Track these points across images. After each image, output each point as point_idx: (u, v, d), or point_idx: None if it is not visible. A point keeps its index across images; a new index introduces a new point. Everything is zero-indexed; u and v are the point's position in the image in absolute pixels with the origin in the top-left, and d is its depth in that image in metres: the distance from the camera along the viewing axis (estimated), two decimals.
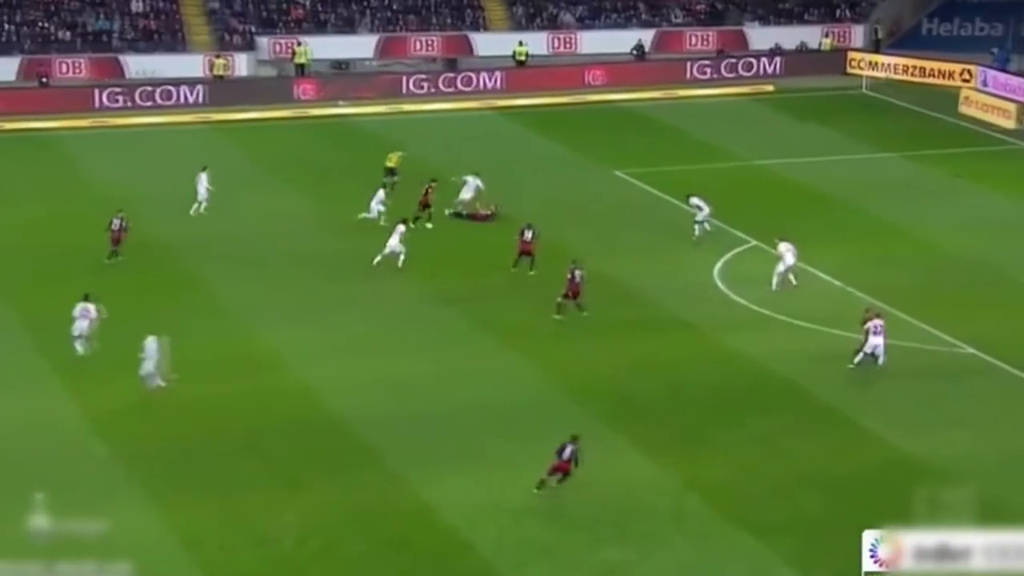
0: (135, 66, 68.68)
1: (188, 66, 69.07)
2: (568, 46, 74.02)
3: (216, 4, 72.64)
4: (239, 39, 71.29)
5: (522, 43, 72.04)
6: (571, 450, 30.45)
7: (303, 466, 32.10)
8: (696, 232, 47.02)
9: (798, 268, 43.14)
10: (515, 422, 34.34)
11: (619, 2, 76.42)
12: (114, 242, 44.63)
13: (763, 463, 32.55)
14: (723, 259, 45.80)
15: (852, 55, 73.79)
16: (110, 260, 44.42)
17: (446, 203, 49.24)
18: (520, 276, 43.42)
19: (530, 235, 43.70)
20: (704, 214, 47.10)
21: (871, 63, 72.71)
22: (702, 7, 77.04)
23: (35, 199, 52.25)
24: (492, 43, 73.08)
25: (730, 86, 71.06)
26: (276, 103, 66.23)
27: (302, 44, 70.35)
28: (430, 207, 48.52)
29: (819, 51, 75.15)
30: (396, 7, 74.16)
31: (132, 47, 69.90)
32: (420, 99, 68.17)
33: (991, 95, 66.35)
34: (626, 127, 63.70)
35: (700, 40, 75.25)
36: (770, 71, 72.87)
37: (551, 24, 75.09)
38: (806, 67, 73.14)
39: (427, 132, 61.85)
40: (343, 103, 66.97)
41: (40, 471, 31.23)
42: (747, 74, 72.54)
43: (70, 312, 37.39)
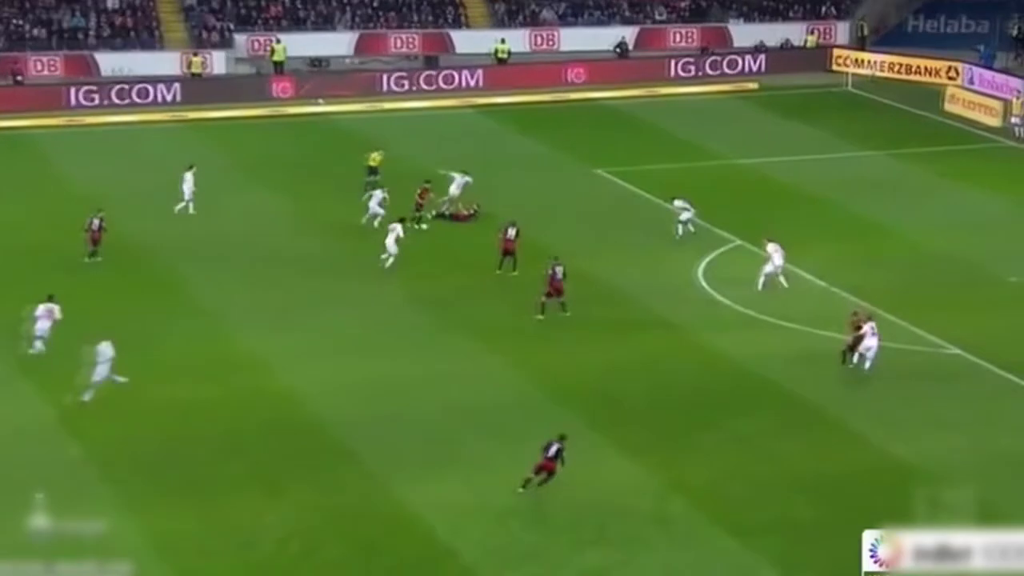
0: (110, 64, 68.53)
1: (164, 64, 68.97)
2: (549, 43, 74.11)
3: (192, 1, 72.54)
4: (215, 36, 71.17)
5: (502, 40, 72.13)
6: (556, 448, 30.54)
7: (283, 469, 32.12)
8: (679, 232, 47.15)
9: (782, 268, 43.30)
10: (497, 424, 34.40)
11: None
12: (93, 242, 44.62)
13: (747, 465, 32.67)
14: (706, 259, 45.94)
15: (836, 52, 74.00)
16: (90, 260, 44.40)
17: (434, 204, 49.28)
18: (502, 276, 43.49)
19: (512, 233, 43.75)
20: (688, 215, 47.25)
21: (856, 60, 72.94)
22: (685, 4, 77.17)
23: (8, 199, 52.15)
24: (472, 40, 73.13)
25: (713, 84, 71.22)
26: (253, 101, 66.18)
27: (279, 41, 70.29)
28: (423, 207, 48.50)
29: (803, 48, 75.36)
30: (375, 4, 74.12)
31: (107, 45, 69.75)
32: (399, 97, 68.18)
33: (976, 93, 66.62)
34: (608, 125, 63.81)
35: (683, 37, 75.40)
36: (753, 69, 73.05)
37: (532, 21, 75.15)
38: (790, 64, 73.33)
39: (406, 130, 61.85)
40: (321, 101, 66.95)
41: (13, 474, 31.21)
42: (730, 72, 72.72)
43: (33, 311, 37.42)
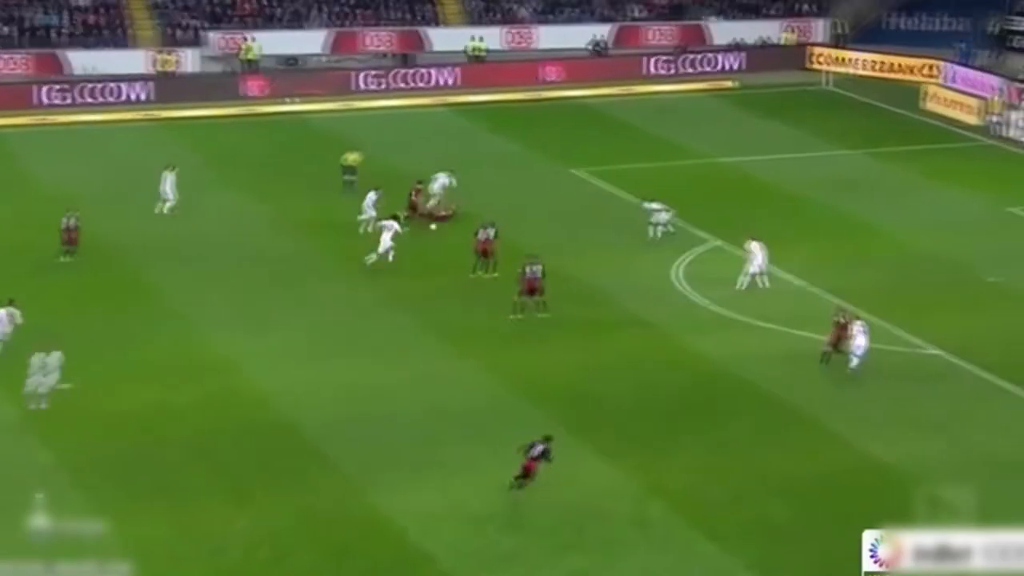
0: (78, 62, 68.30)
1: (133, 62, 68.79)
2: (524, 41, 74.14)
3: None
4: (185, 34, 71.03)
5: (477, 38, 72.13)
6: (540, 449, 30.57)
7: (255, 473, 32.05)
8: (653, 233, 47.16)
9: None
10: (473, 427, 34.38)
11: None
12: (67, 242, 44.53)
13: (725, 467, 32.72)
14: (683, 259, 46.02)
15: (814, 50, 74.23)
16: (63, 259, 44.29)
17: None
18: (477, 278, 43.43)
19: (490, 234, 43.63)
20: (665, 216, 47.27)
21: (833, 58, 73.15)
22: (661, 2, 77.28)
23: None
24: (446, 38, 73.14)
25: (690, 82, 71.36)
26: (224, 100, 66.09)
27: (251, 39, 70.19)
28: (416, 209, 48.46)
29: (781, 46, 75.54)
30: (349, 2, 74.04)
31: (76, 43, 69.52)
32: (372, 96, 68.15)
33: (955, 91, 66.89)
34: (584, 124, 63.88)
35: (659, 35, 75.51)
36: (731, 67, 73.24)
37: (507, 19, 75.17)
38: (767, 63, 73.54)
39: (380, 129, 61.82)
40: (293, 100, 66.86)
41: None
42: (707, 70, 72.90)
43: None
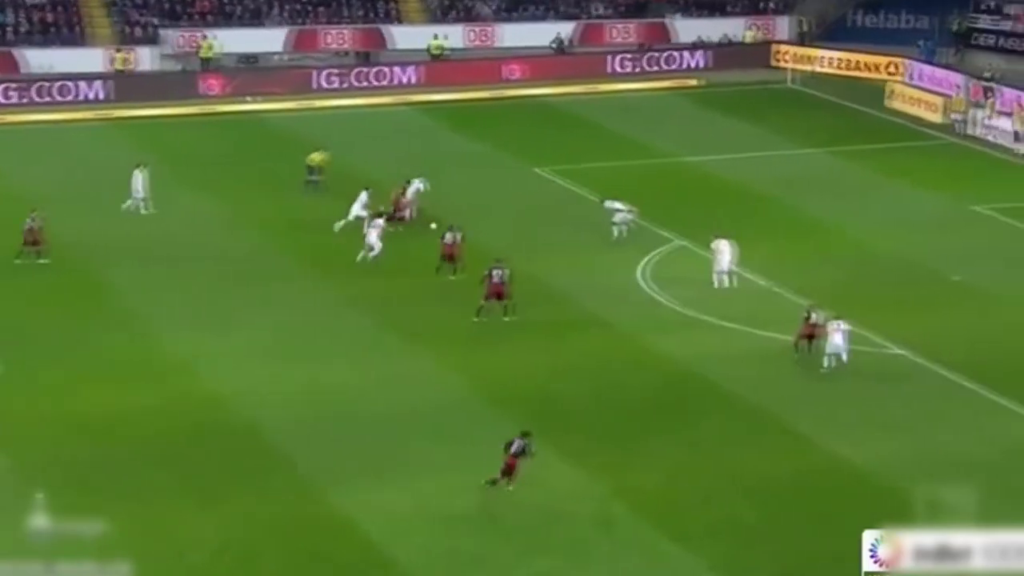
0: (32, 61, 68.03)
1: (88, 60, 68.57)
2: (486, 39, 74.29)
3: None
4: (142, 32, 70.89)
5: (438, 36, 72.27)
6: (518, 445, 30.77)
7: (217, 477, 32.12)
8: (621, 233, 47.45)
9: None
10: (437, 428, 34.56)
11: None
12: (29, 243, 44.49)
13: (691, 468, 33.01)
14: (647, 258, 46.31)
15: (777, 48, 74.68)
16: (22, 260, 44.27)
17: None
18: (440, 279, 43.60)
19: (457, 237, 43.71)
20: (625, 216, 47.54)
21: (797, 56, 73.62)
22: None
23: None
24: (407, 36, 73.21)
25: (653, 80, 71.69)
26: (181, 99, 66.02)
27: (208, 37, 70.10)
28: (401, 210, 48.50)
29: (744, 44, 75.94)
30: None
31: (29, 41, 69.25)
32: (332, 94, 68.19)
33: (918, 89, 67.45)
34: (546, 123, 64.10)
35: (622, 33, 75.80)
36: (694, 65, 73.62)
37: (468, 16, 75.30)
38: (731, 60, 73.94)
39: (340, 128, 61.86)
40: (251, 99, 66.85)
41: None
42: (670, 68, 73.25)
43: None
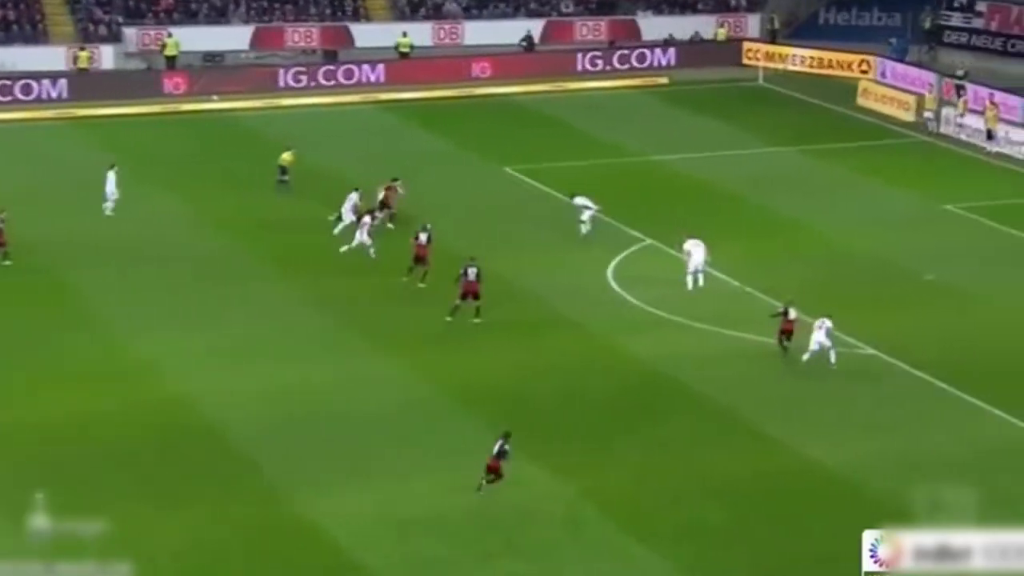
0: None
1: (49, 59, 68.21)
2: (453, 37, 74.24)
3: None
4: (104, 30, 70.58)
5: (405, 34, 72.16)
6: (499, 445, 30.81)
7: (179, 481, 32.01)
8: (583, 230, 47.47)
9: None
10: (404, 431, 34.53)
11: None
12: None
13: (660, 469, 33.04)
14: (616, 258, 46.34)
15: (747, 46, 74.81)
16: None
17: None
18: (410, 280, 43.41)
19: (424, 238, 43.66)
20: (590, 213, 47.57)
21: (767, 54, 73.79)
22: None
23: None
24: (373, 34, 73.08)
25: (622, 78, 71.74)
26: (144, 98, 65.72)
27: (171, 35, 69.85)
28: (390, 207, 48.48)
29: (713, 42, 76.04)
30: None
31: None
32: (298, 93, 68.01)
33: (889, 87, 67.69)
34: (514, 121, 64.11)
35: (591, 31, 75.86)
36: (663, 63, 73.66)
37: (435, 14, 75.22)
38: (700, 58, 74.00)
39: (305, 127, 61.71)
40: (216, 98, 66.65)
41: None
42: (640, 66, 73.28)
43: None
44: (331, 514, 30.65)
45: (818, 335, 38.02)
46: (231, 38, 71.87)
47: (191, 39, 70.24)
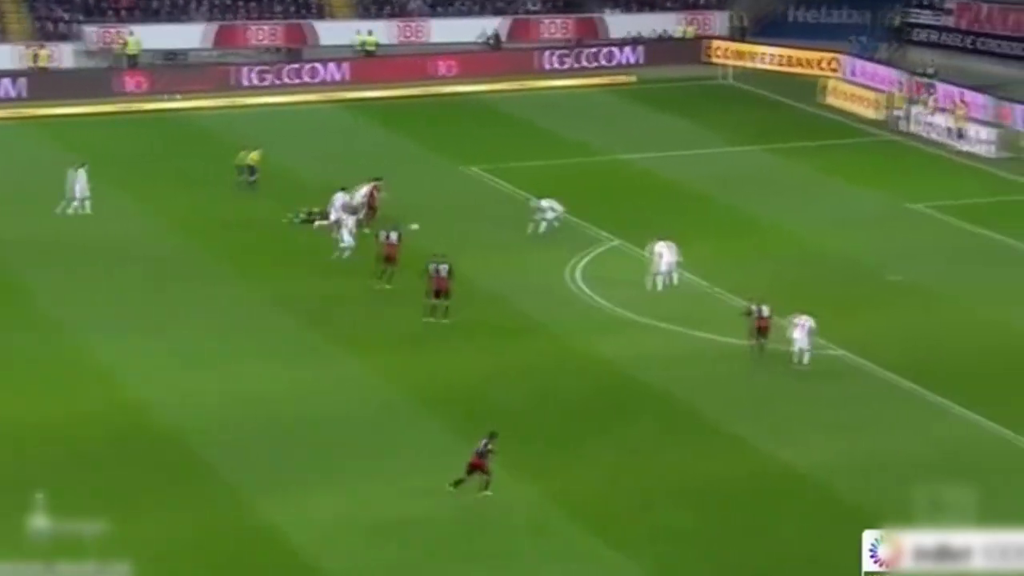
0: None
1: (6, 57, 68.08)
2: (417, 35, 74.28)
3: None
4: (62, 28, 70.38)
5: (368, 32, 72.21)
6: (482, 444, 30.91)
7: (138, 485, 31.90)
8: (536, 228, 47.60)
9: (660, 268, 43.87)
10: (366, 436, 34.53)
11: None
12: None
13: (627, 472, 33.12)
14: (581, 258, 46.48)
15: (714, 44, 75.07)
16: None
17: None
18: (377, 282, 43.40)
19: (394, 237, 43.68)
20: (554, 214, 47.72)
21: (732, 52, 74.05)
22: None
23: None
24: (336, 32, 73.08)
25: (588, 77, 71.92)
26: (103, 97, 65.62)
27: (131, 34, 69.71)
28: (376, 208, 48.47)
29: (680, 40, 76.23)
30: None
31: None
32: (259, 92, 67.97)
33: (856, 85, 68.01)
34: (478, 120, 64.21)
35: (556, 28, 76.00)
36: (629, 61, 73.90)
37: (399, 12, 75.25)
38: (667, 56, 74.23)
39: (267, 127, 61.66)
40: (177, 97, 66.53)
41: None
42: (605, 64, 73.51)
43: None
44: (294, 519, 30.62)
45: (794, 333, 38.20)
46: (190, 36, 71.76)
47: (149, 37, 70.12)
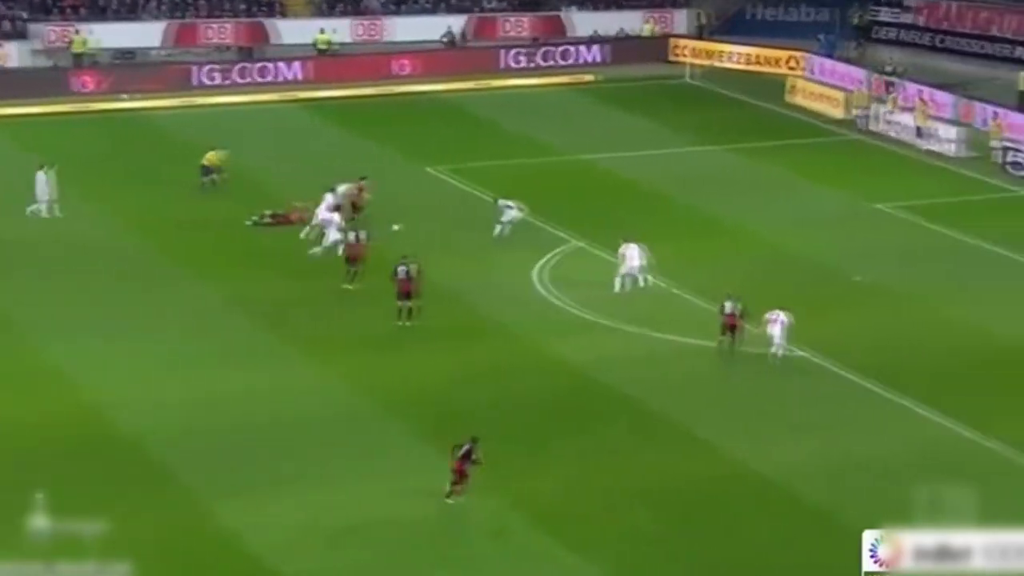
0: None
1: None
2: (374, 33, 74.27)
3: None
4: (9, 26, 70.00)
5: (324, 30, 72.16)
6: (465, 449, 30.99)
7: (94, 491, 31.79)
8: (499, 231, 47.72)
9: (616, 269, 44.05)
10: (330, 439, 34.57)
11: None
12: None
13: (590, 476, 33.28)
14: (543, 260, 46.62)
15: (675, 42, 75.37)
16: None
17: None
18: (335, 282, 43.45)
19: (362, 237, 43.72)
20: (513, 215, 47.85)
21: (696, 51, 74.37)
22: None
23: None
24: (292, 30, 73.00)
25: (549, 75, 72.07)
26: (52, 96, 65.30)
27: (81, 32, 69.45)
28: (362, 208, 48.45)
29: (642, 38, 76.46)
30: None
31: None
32: (213, 91, 67.82)
33: (819, 84, 68.41)
34: (438, 120, 64.23)
35: (516, 27, 76.14)
36: (590, 59, 74.10)
37: (355, 10, 75.23)
38: (628, 55, 74.46)
39: (223, 126, 61.54)
40: (128, 96, 66.33)
41: None
42: (566, 63, 73.68)
43: None
44: (253, 524, 30.65)
45: (771, 328, 38.55)
46: (144, 35, 71.52)
47: (102, 36, 69.84)
